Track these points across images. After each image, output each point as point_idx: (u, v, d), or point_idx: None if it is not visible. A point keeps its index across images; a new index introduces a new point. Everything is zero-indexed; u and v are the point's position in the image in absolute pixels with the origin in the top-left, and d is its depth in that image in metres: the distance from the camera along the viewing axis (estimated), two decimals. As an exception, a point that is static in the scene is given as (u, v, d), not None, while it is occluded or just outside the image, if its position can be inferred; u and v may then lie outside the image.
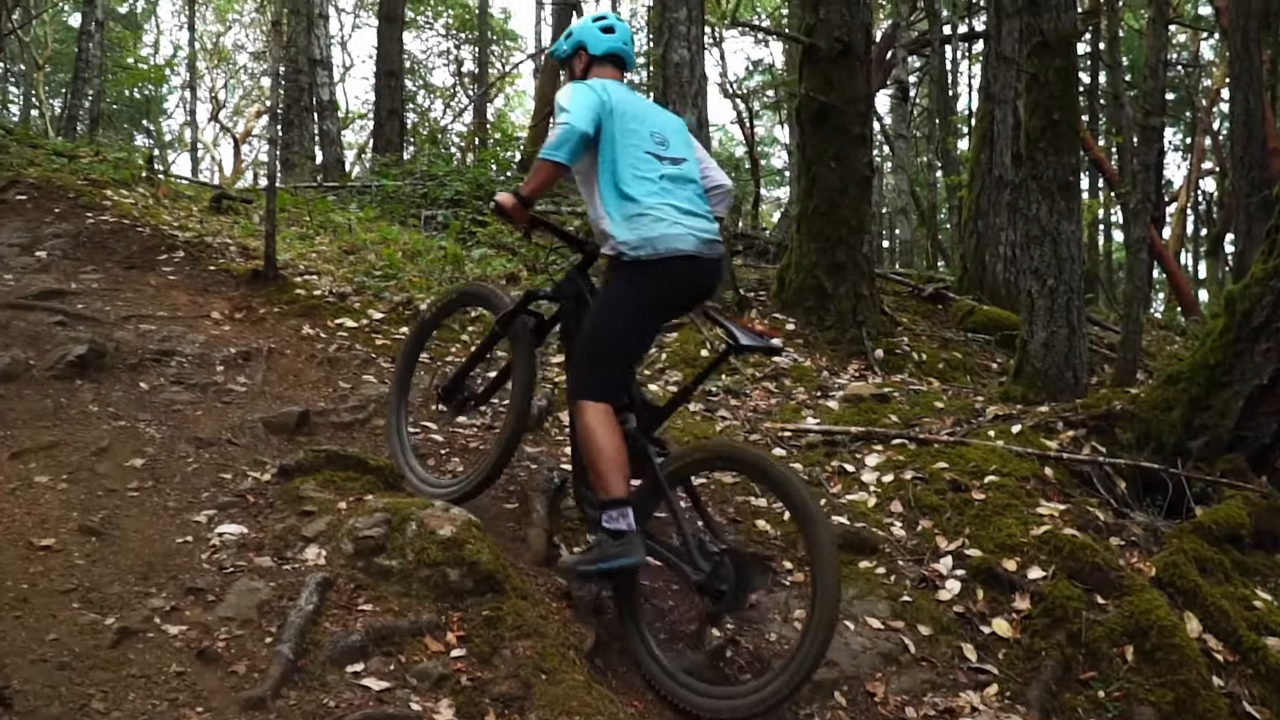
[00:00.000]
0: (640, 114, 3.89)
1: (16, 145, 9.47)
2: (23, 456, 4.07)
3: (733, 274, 7.60)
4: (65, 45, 28.99)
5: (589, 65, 4.05)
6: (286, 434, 4.76)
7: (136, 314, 5.88)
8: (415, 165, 15.74)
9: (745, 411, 5.86)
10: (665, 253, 3.61)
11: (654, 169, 3.77)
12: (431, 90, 32.08)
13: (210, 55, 33.52)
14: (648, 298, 3.72)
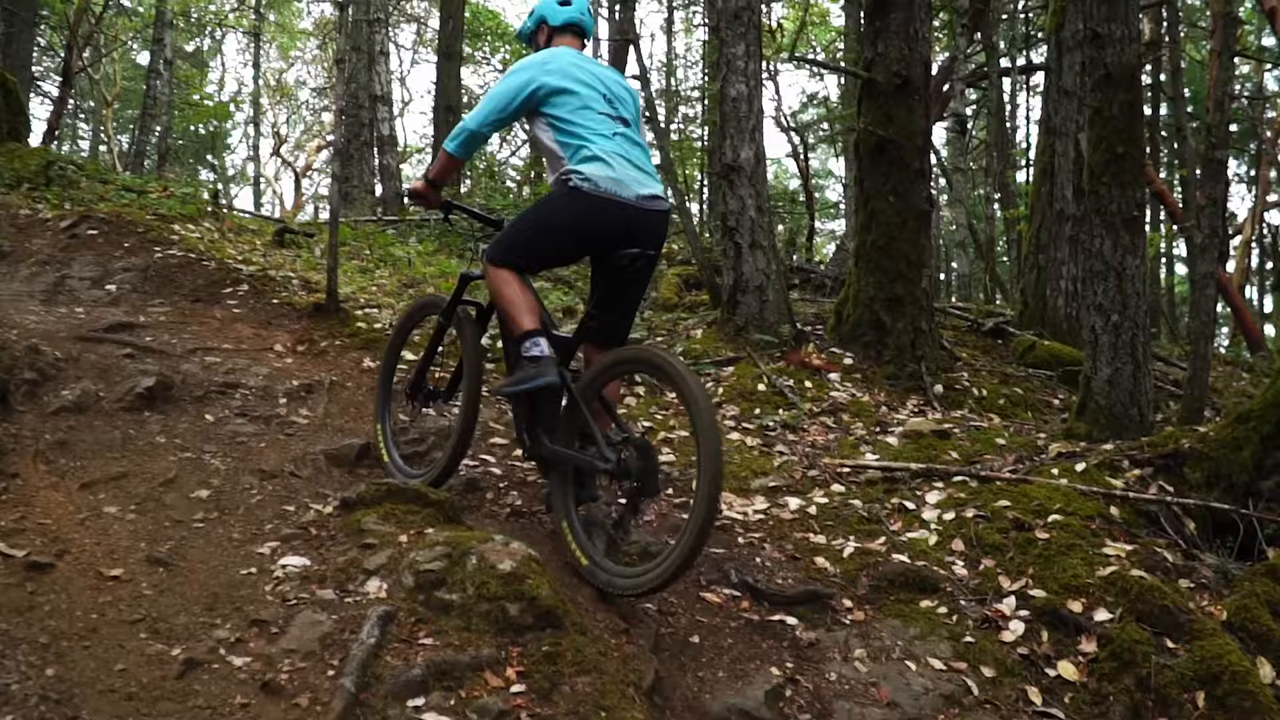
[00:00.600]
0: (591, 78, 4.31)
1: (87, 181, 9.69)
2: (93, 487, 4.13)
3: (789, 308, 7.58)
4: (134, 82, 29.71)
5: (550, 36, 4.54)
6: (347, 466, 4.80)
7: (202, 347, 5.98)
8: (472, 198, 15.91)
9: (803, 447, 5.82)
10: (606, 193, 4.06)
11: (608, 126, 4.22)
12: (488, 124, 32.32)
13: (273, 91, 34.16)
14: (578, 220, 4.15)
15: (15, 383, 4.76)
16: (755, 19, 7.41)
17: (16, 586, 3.27)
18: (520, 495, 4.79)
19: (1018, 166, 20.50)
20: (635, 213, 4.12)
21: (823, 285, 10.59)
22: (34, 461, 4.23)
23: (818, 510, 4.93)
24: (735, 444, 5.82)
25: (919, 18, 7.05)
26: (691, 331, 7.84)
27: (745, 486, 5.23)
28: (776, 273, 7.44)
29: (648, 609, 3.90)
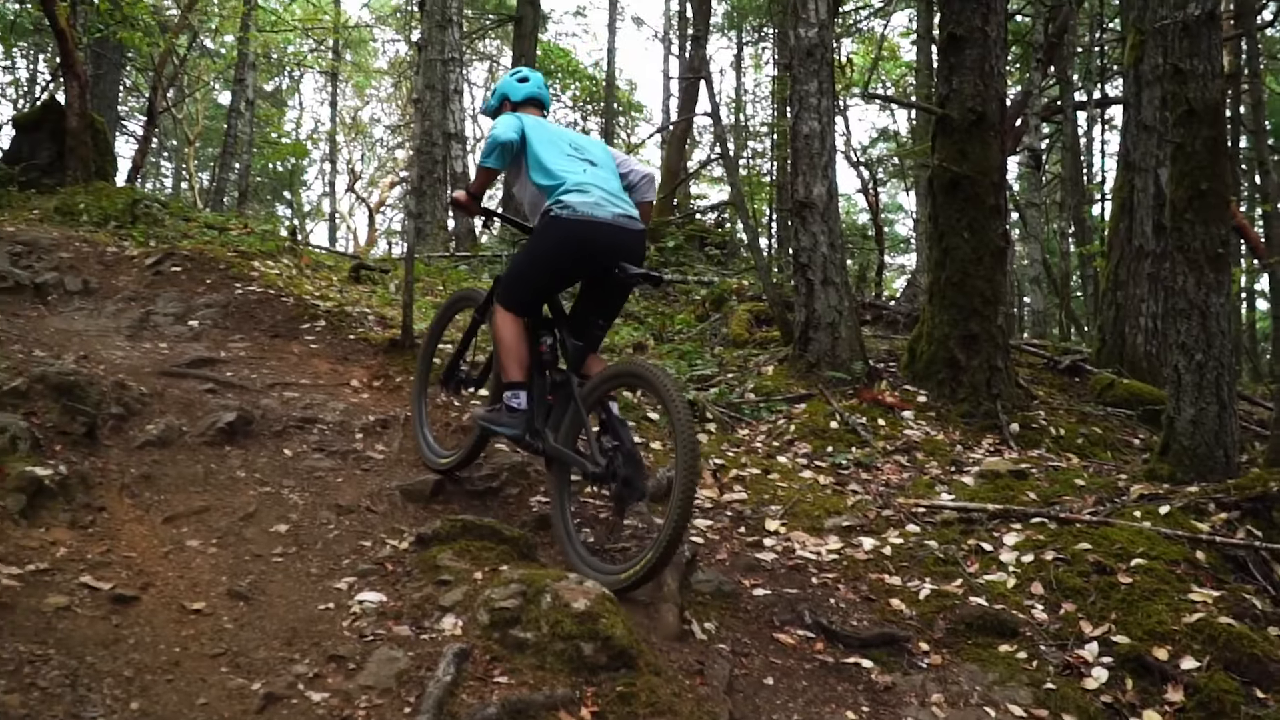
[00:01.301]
0: (556, 134, 4.88)
1: (171, 218, 9.94)
2: (175, 521, 4.21)
3: (862, 344, 7.53)
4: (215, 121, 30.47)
5: (514, 110, 5.07)
6: (422, 502, 4.85)
7: (281, 381, 6.08)
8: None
9: (877, 485, 5.76)
10: (583, 217, 4.50)
11: (578, 165, 4.72)
12: (559, 160, 32.64)
13: (348, 129, 34.82)
14: (562, 245, 4.57)
15: (103, 418, 4.87)
16: (828, 56, 7.42)
17: (102, 619, 3.33)
18: (594, 532, 4.79)
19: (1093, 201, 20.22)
20: (614, 230, 4.54)
21: (895, 321, 10.51)
22: (120, 495, 4.33)
23: (893, 551, 4.87)
24: (808, 482, 5.78)
25: (994, 53, 7.01)
26: (763, 368, 7.82)
27: (818, 526, 5.18)
28: (849, 309, 7.40)
29: (721, 649, 3.87)
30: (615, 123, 29.51)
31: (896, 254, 31.64)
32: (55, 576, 3.54)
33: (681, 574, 4.28)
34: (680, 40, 27.50)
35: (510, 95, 5.16)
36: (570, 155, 4.77)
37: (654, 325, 10.13)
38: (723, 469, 5.87)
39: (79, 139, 11.02)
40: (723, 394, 7.14)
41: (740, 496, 5.52)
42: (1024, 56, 16.10)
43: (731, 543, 4.92)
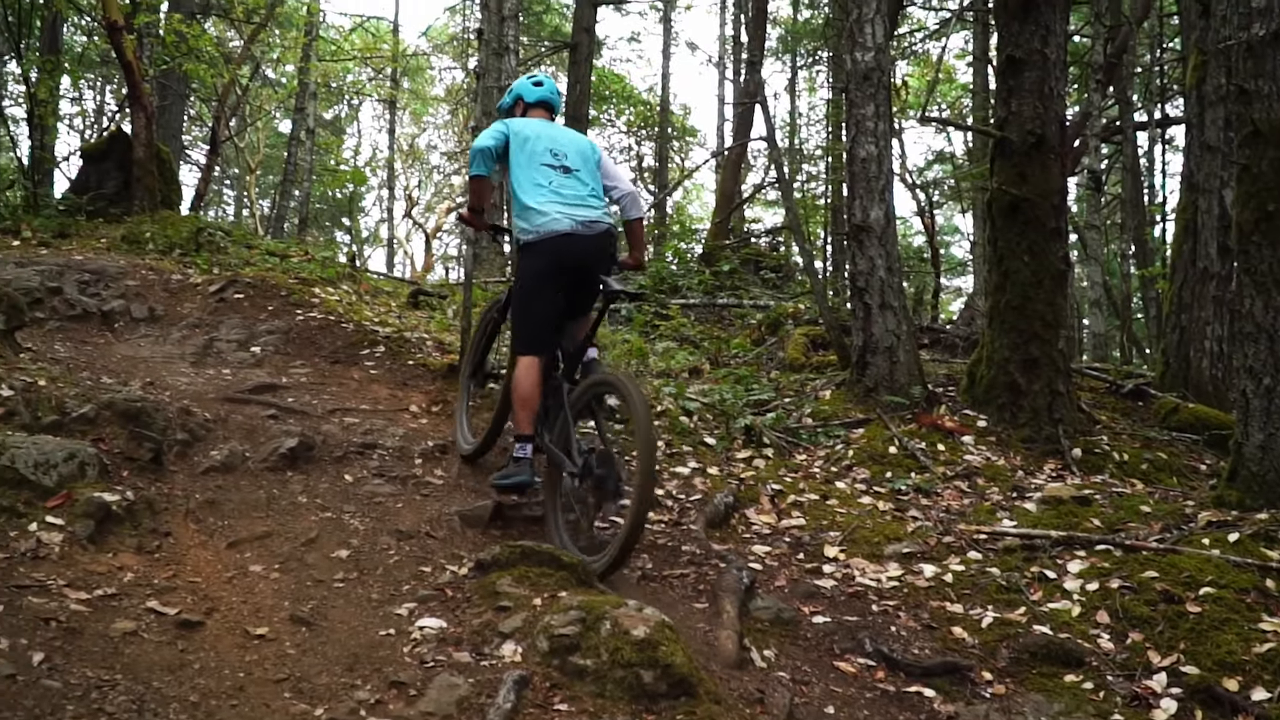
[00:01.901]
0: (544, 136, 5.23)
1: (234, 246, 10.10)
2: (239, 546, 4.27)
3: (920, 369, 7.46)
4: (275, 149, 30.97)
5: (525, 110, 5.50)
6: (481, 527, 4.87)
7: (341, 407, 6.15)
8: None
9: (937, 512, 5.70)
10: (546, 234, 4.93)
11: (547, 176, 5.08)
12: (613, 185, 32.78)
13: (406, 155, 35.23)
14: (541, 268, 5.00)
15: (168, 443, 4.96)
16: (884, 80, 7.39)
17: (168, 644, 3.38)
18: (651, 559, 4.79)
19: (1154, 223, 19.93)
20: (572, 240, 4.96)
21: (953, 345, 10.41)
22: (185, 520, 4.39)
23: (954, 578, 4.81)
24: (867, 508, 5.73)
25: (1054, 75, 6.94)
26: (820, 393, 7.77)
27: (878, 552, 5.14)
28: (907, 333, 7.34)
29: (781, 677, 3.84)
30: (669, 147, 29.61)
31: (952, 276, 31.37)
32: (122, 601, 3.60)
33: (740, 601, 4.26)
34: (734, 64, 27.55)
35: (525, 96, 5.51)
36: (544, 165, 5.13)
37: (709, 349, 10.11)
38: (780, 494, 5.84)
39: (145, 169, 11.25)
40: (780, 419, 7.10)
41: (798, 522, 5.49)
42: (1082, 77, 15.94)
43: (790, 569, 4.89)
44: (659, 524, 5.27)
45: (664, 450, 6.35)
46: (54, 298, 7.41)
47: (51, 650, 3.16)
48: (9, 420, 4.60)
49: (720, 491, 5.71)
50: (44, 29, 14.43)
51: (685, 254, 18.30)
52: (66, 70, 14.38)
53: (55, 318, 7.18)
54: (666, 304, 12.41)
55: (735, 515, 5.54)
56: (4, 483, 4.03)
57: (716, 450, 6.54)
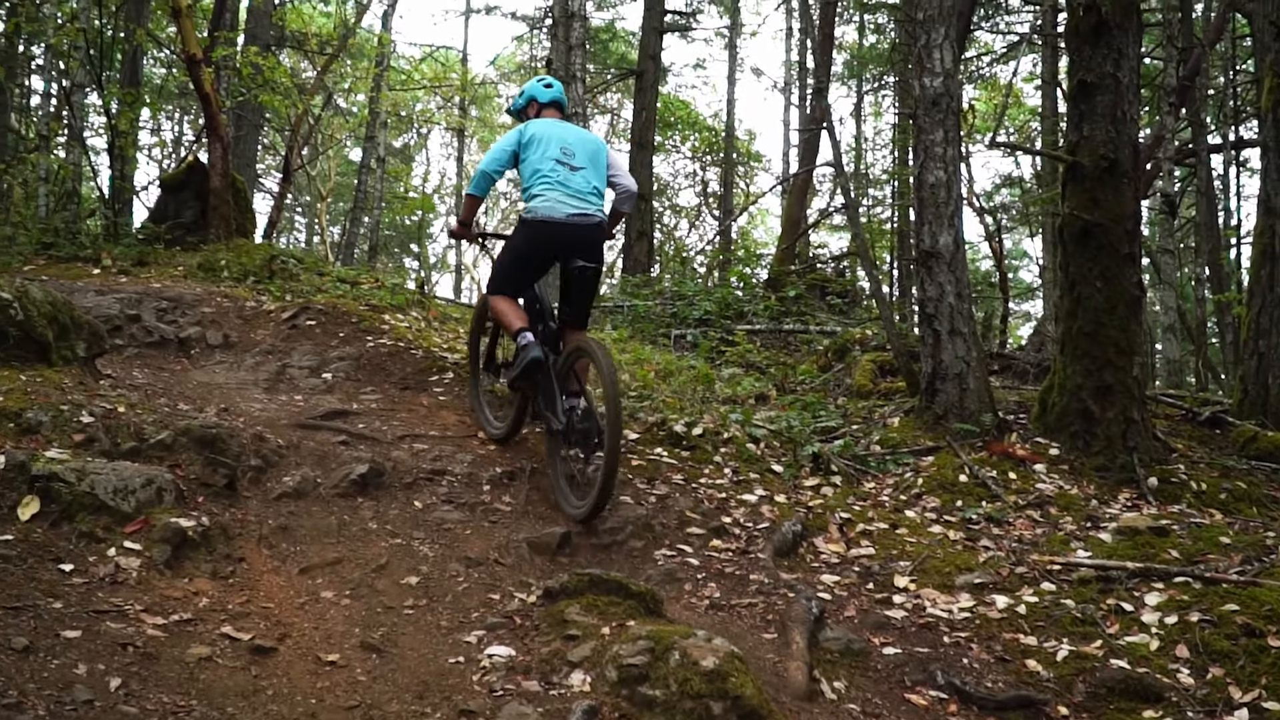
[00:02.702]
0: (556, 135, 5.95)
1: (306, 273, 10.26)
2: (311, 572, 4.32)
3: (990, 396, 7.36)
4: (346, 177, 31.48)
5: (539, 110, 6.27)
6: (549, 554, 4.89)
7: (411, 433, 6.21)
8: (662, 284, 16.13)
9: (1009, 542, 5.61)
10: (540, 218, 5.73)
11: (556, 171, 5.79)
12: (678, 211, 32.98)
13: (473, 182, 35.53)
14: (529, 242, 5.87)
15: (242, 469, 5.03)
16: (953, 105, 7.33)
17: (242, 670, 3.42)
18: (719, 587, 4.76)
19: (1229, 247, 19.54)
20: (565, 227, 5.73)
21: (1024, 372, 10.26)
22: (258, 546, 4.45)
23: (1027, 610, 4.72)
24: (937, 537, 5.66)
25: (1126, 99, 6.85)
26: (888, 420, 7.70)
27: (949, 582, 5.06)
28: (977, 360, 7.25)
29: (851, 710, 3.80)
30: (734, 172, 29.63)
31: (1020, 300, 30.99)
32: (197, 627, 3.65)
33: (810, 631, 4.23)
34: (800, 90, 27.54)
35: (538, 98, 6.29)
36: (556, 160, 5.84)
37: (776, 376, 10.07)
38: (849, 523, 5.79)
39: (221, 198, 11.49)
40: (848, 446, 7.04)
41: (868, 551, 5.43)
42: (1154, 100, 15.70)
43: (860, 599, 4.84)
44: (726, 552, 5.25)
45: (731, 478, 6.33)
46: (133, 325, 7.57)
47: (129, 675, 3.21)
48: (89, 446, 4.70)
49: (788, 520, 5.67)
50: (124, 62, 14.81)
51: (750, 279, 18.29)
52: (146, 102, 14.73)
53: (134, 344, 7.34)
54: (732, 330, 12.39)
55: (803, 544, 5.50)
56: (84, 508, 4.12)
57: (784, 478, 6.50)
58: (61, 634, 3.32)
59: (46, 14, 13.91)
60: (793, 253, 17.96)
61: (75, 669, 3.15)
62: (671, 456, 6.49)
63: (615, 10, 29.26)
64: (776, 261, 17.85)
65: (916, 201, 7.53)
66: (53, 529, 4.03)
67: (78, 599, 3.61)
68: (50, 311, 5.62)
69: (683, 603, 4.55)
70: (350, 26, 19.82)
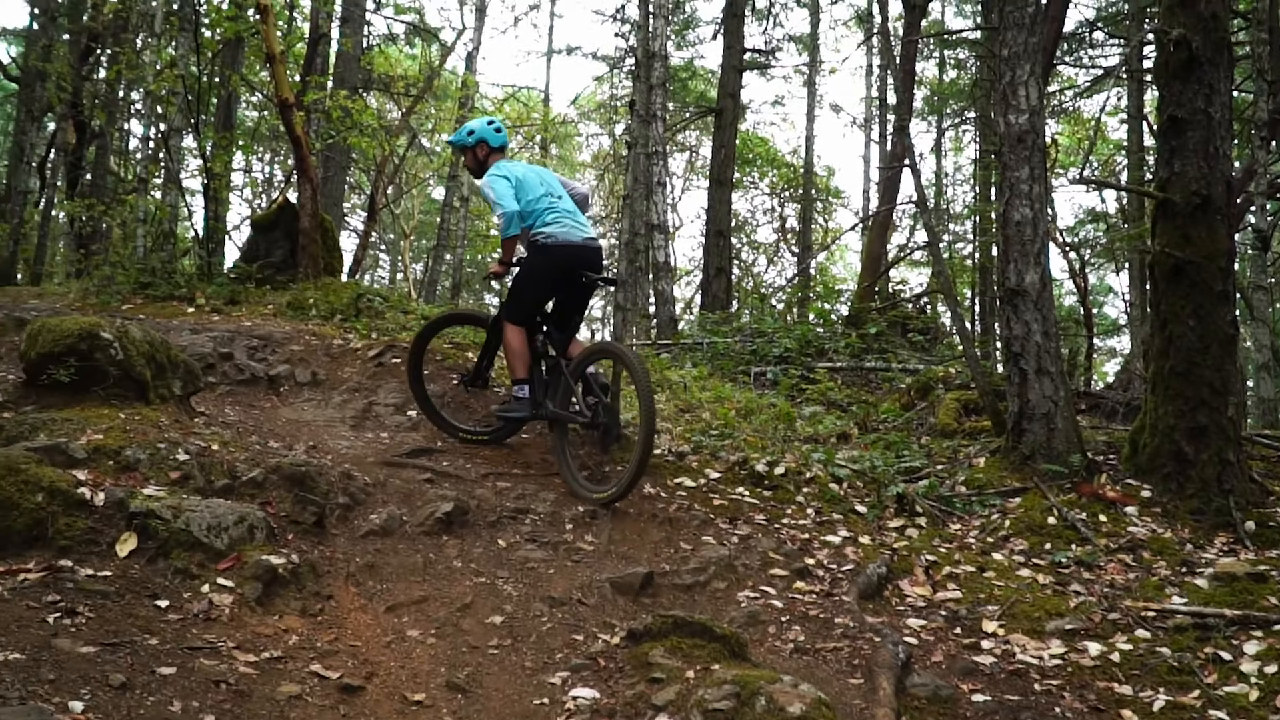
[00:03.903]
0: (531, 173, 6.63)
1: (391, 311, 10.42)
2: (397, 610, 4.36)
3: (1079, 436, 7.22)
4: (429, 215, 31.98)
5: (489, 153, 6.81)
6: (632, 595, 4.88)
7: (494, 471, 6.26)
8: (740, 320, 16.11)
9: (1101, 586, 5.48)
10: (561, 242, 6.37)
11: (552, 206, 6.46)
12: (756, 247, 32.97)
13: (553, 219, 35.85)
14: (547, 266, 6.44)
15: (330, 507, 5.12)
16: (1039, 142, 7.25)
17: (331, 709, 3.47)
18: (803, 630, 4.72)
19: (1326, 281, 18.95)
20: (582, 250, 6.44)
21: (1113, 411, 10.04)
22: (346, 583, 4.52)
23: (1121, 657, 4.60)
24: (1026, 581, 5.55)
25: (1219, 135, 6.71)
26: (974, 460, 7.59)
27: (1039, 628, 4.96)
28: (1065, 399, 7.12)
29: (940, 759, 3.73)
30: (813, 208, 29.56)
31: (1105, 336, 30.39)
32: (288, 664, 3.71)
33: (897, 677, 4.17)
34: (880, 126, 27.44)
35: (489, 141, 6.80)
36: (543, 193, 6.48)
37: (858, 414, 9.98)
38: (935, 566, 5.71)
39: (310, 237, 11.74)
40: (933, 486, 6.95)
41: (954, 595, 5.34)
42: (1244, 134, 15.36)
43: (947, 644, 4.76)
44: (810, 594, 5.20)
45: (814, 518, 6.28)
46: (225, 363, 7.75)
47: (221, 713, 3.27)
48: (184, 484, 4.81)
49: (873, 562, 5.61)
50: (219, 107, 15.26)
51: (829, 315, 18.18)
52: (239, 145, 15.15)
53: (226, 382, 7.51)
54: (813, 367, 12.32)
55: (889, 586, 5.43)
56: (180, 545, 4.21)
57: (868, 518, 6.43)
58: (157, 670, 3.39)
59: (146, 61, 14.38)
60: (874, 289, 17.84)
61: (170, 706, 3.21)
62: (753, 496, 6.46)
63: (694, 49, 29.38)
64: (857, 299, 17.73)
65: (1001, 239, 7.44)
66: (149, 565, 4.13)
67: (173, 635, 3.69)
68: (148, 350, 5.78)
69: (767, 646, 4.51)
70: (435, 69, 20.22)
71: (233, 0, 12.86)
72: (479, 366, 7.13)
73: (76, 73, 17.26)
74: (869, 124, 29.56)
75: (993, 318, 23.15)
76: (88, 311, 9.25)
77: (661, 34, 17.02)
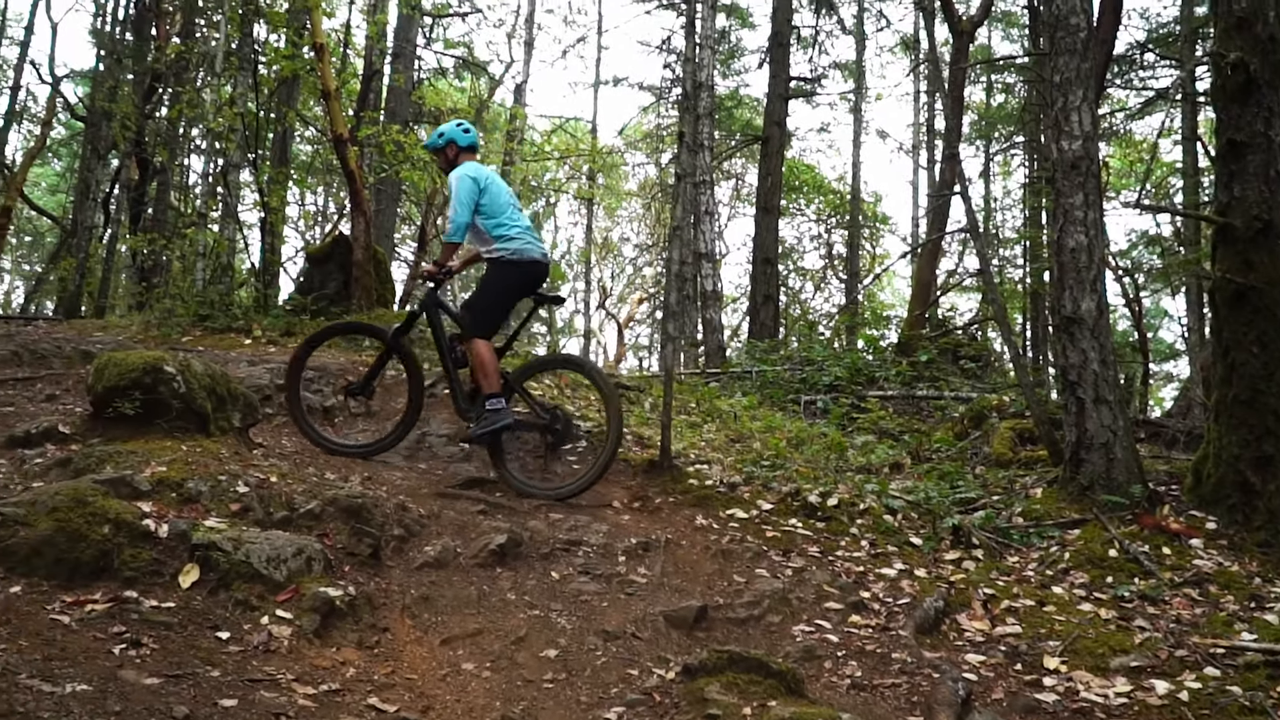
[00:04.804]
0: (495, 179, 6.73)
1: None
2: (452, 643, 4.36)
3: (1140, 466, 7.09)
4: (478, 245, 32.13)
5: (458, 153, 6.88)
6: (685, 629, 4.84)
7: (546, 503, 6.26)
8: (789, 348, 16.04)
9: (1166, 622, 5.36)
10: (528, 259, 6.59)
11: (516, 214, 6.65)
12: (803, 274, 32.89)
13: (599, 248, 36.09)
14: (513, 281, 6.64)
15: (386, 538, 5.14)
16: (1093, 168, 7.17)
17: (388, 742, 3.46)
18: (860, 666, 4.66)
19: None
20: (542, 267, 6.70)
21: (1173, 439, 9.87)
22: (401, 616, 4.52)
23: (1190, 696, 4.49)
24: (1087, 615, 5.44)
25: (1279, 158, 6.61)
26: (1030, 490, 7.48)
27: (1103, 664, 4.86)
28: (1124, 429, 7.00)
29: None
30: (860, 235, 29.46)
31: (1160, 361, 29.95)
32: (345, 697, 3.71)
33: (956, 714, 4.10)
34: (928, 152, 27.33)
35: (458, 141, 6.87)
36: (510, 205, 6.64)
37: (911, 443, 9.88)
38: (993, 599, 5.62)
39: (364, 269, 11.86)
40: (989, 518, 6.85)
41: (1014, 630, 5.25)
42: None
43: (1008, 680, 4.68)
44: (866, 628, 5.14)
45: (868, 550, 6.22)
46: (281, 394, 7.83)
47: (282, 746, 3.28)
48: (244, 515, 4.86)
49: (930, 595, 5.54)
50: (275, 142, 15.49)
51: (877, 340, 18.05)
52: (295, 179, 15.36)
53: (282, 413, 7.58)
54: (863, 396, 12.23)
55: (946, 620, 5.35)
56: (240, 576, 4.25)
57: (923, 550, 6.36)
58: (219, 703, 3.41)
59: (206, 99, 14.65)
60: (924, 316, 17.71)
61: (232, 739, 3.22)
62: (807, 528, 6.41)
63: (739, 78, 29.47)
64: (907, 326, 17.61)
65: (1056, 266, 7.35)
66: (210, 596, 4.16)
67: (234, 667, 3.71)
68: (209, 383, 5.85)
69: (823, 681, 4.46)
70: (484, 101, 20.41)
71: (290, 39, 13.08)
72: (368, 377, 7.23)
73: (140, 111, 17.61)
74: (916, 149, 29.47)
75: (1045, 344, 22.91)
76: (149, 344, 9.40)
77: (708, 64, 17.09)
